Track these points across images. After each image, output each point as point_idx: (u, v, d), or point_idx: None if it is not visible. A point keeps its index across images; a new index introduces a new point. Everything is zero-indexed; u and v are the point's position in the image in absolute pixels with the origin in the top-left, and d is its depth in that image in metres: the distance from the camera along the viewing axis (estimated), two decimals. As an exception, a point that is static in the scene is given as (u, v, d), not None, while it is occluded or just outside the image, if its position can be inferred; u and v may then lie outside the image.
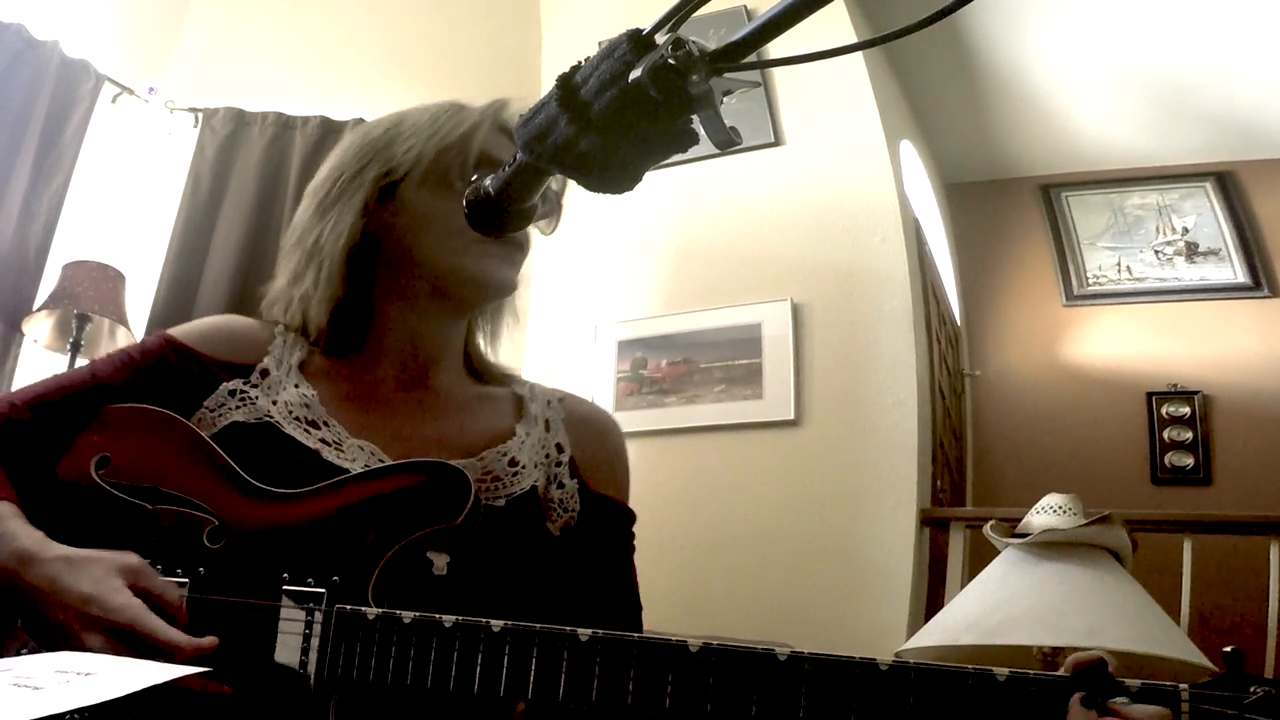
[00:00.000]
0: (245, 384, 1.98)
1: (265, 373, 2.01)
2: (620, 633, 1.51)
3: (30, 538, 1.64)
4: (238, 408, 1.94)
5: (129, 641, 1.52)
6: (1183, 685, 1.29)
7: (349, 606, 1.62)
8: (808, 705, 1.38)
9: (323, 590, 1.64)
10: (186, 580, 1.68)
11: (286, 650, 1.60)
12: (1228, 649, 1.32)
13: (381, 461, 1.92)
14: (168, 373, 1.99)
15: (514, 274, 2.07)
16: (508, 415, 2.15)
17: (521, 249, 2.07)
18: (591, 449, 2.17)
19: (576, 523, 2.06)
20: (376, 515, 1.72)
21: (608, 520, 2.12)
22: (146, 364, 2.01)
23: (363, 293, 2.09)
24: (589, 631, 1.51)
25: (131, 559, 1.63)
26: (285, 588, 1.65)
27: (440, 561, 1.81)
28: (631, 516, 2.18)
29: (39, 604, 1.58)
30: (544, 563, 2.00)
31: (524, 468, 2.01)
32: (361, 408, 2.03)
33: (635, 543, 2.17)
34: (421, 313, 2.08)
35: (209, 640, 1.55)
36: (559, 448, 2.12)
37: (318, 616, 1.62)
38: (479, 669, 1.53)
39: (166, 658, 1.48)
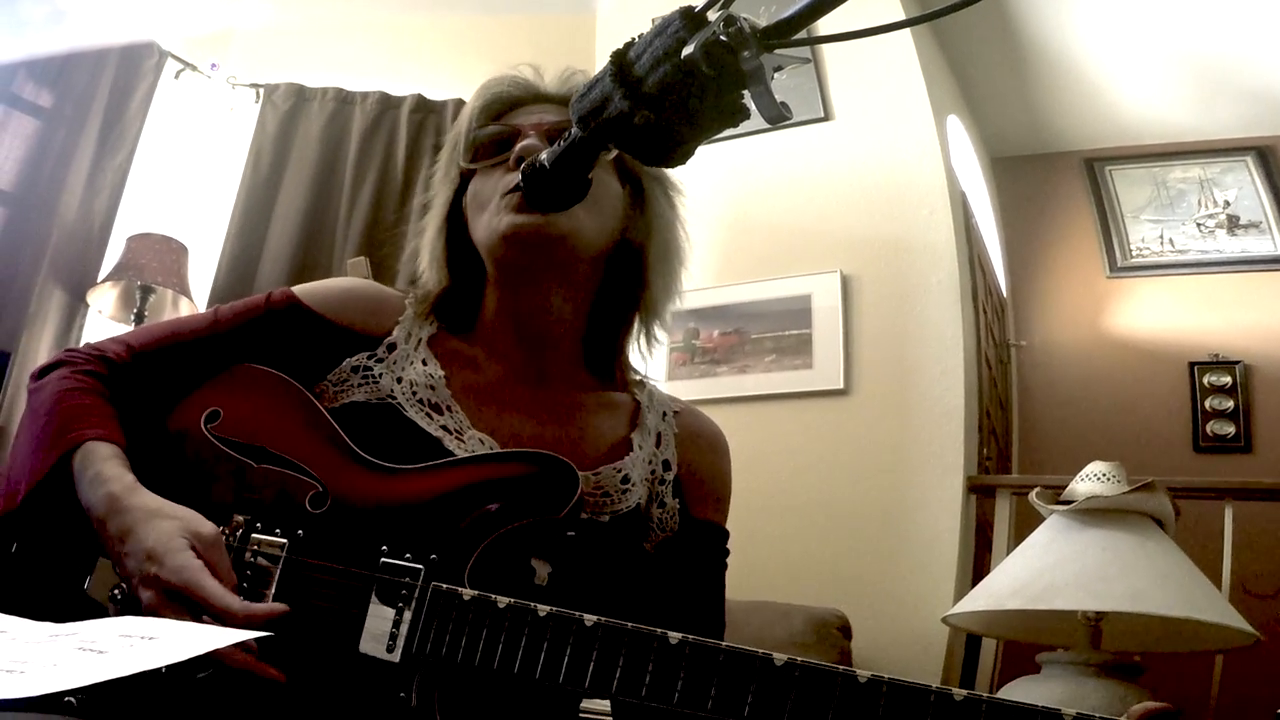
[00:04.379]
0: (370, 358, 1.96)
1: (392, 346, 1.99)
2: (709, 640, 1.47)
3: (121, 482, 1.66)
4: (360, 385, 1.93)
5: (181, 601, 1.53)
6: None
7: (445, 585, 1.60)
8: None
9: (420, 566, 1.63)
10: (285, 540, 1.68)
11: (377, 622, 1.60)
12: (1281, 712, 1.36)
13: None
14: (288, 332, 1.99)
15: (536, 218, 1.87)
16: (623, 425, 2.09)
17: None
18: (699, 469, 2.13)
19: (672, 538, 2.04)
20: (481, 499, 1.69)
21: (705, 542, 2.09)
22: (267, 319, 2.01)
23: (481, 279, 2.07)
24: (679, 635, 1.48)
25: (206, 526, 1.62)
26: (383, 560, 1.64)
27: (543, 571, 1.80)
28: (726, 536, 2.14)
29: (116, 552, 1.61)
30: (639, 579, 1.99)
31: (634, 485, 1.97)
32: (484, 400, 1.98)
33: (728, 560, 2.14)
34: (507, 292, 2.02)
35: (265, 607, 1.56)
36: (665, 465, 2.07)
37: (413, 592, 1.61)
38: (567, 661, 1.51)
39: (219, 621, 1.50)
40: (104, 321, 6.02)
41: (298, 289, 2.06)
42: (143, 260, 5.79)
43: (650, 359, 2.23)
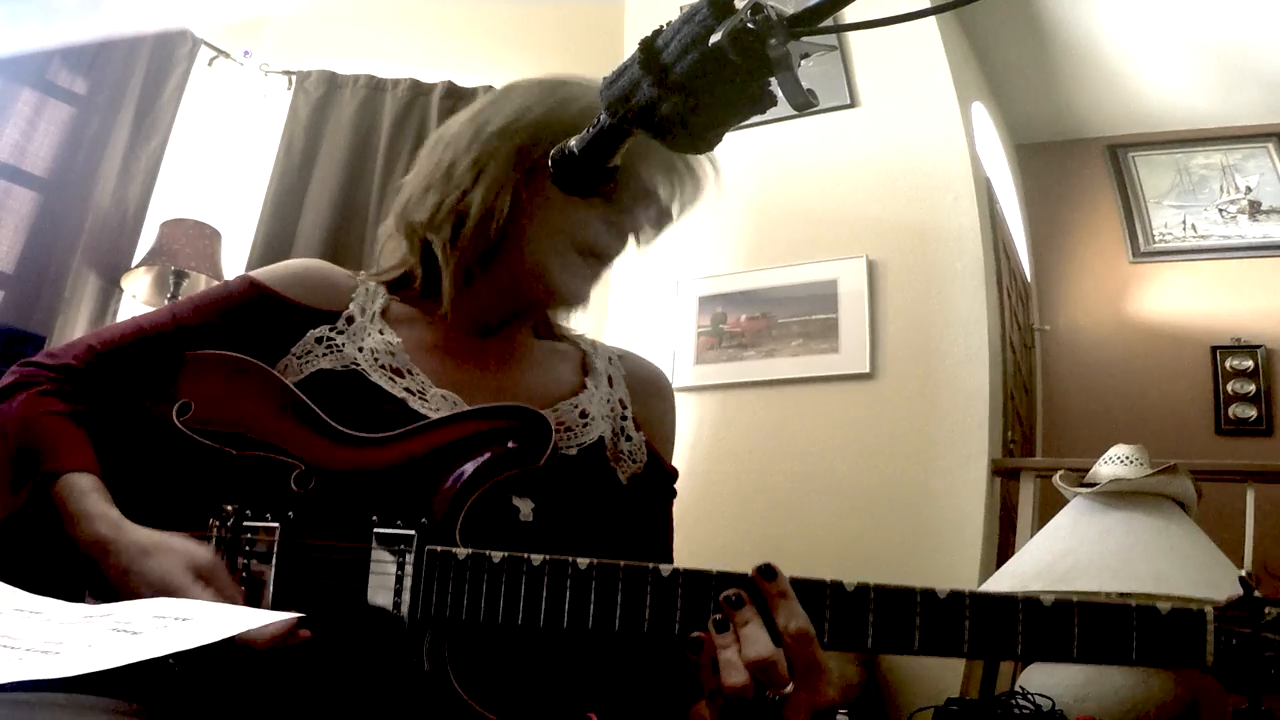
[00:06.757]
0: (331, 330, 1.99)
1: (350, 319, 2.02)
2: (699, 569, 1.56)
3: (105, 520, 1.64)
4: (324, 355, 1.95)
5: None
6: (1207, 607, 1.42)
7: (439, 547, 1.63)
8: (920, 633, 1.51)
9: (412, 532, 1.65)
10: (277, 524, 1.69)
11: (379, 592, 1.62)
12: (1241, 573, 1.45)
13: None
14: (251, 316, 2.01)
15: (590, 289, 2.08)
16: (574, 369, 2.19)
17: (607, 266, 2.08)
18: (648, 407, 2.22)
19: (642, 473, 2.11)
20: (462, 458, 1.74)
21: (657, 478, 2.16)
22: (229, 307, 2.02)
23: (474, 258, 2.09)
24: (670, 567, 1.56)
25: (204, 554, 1.62)
26: (376, 530, 1.66)
27: (526, 508, 1.85)
28: (675, 475, 2.22)
29: (119, 589, 1.58)
30: (616, 509, 2.04)
31: (593, 419, 2.04)
32: (442, 357, 2.04)
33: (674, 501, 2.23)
34: (501, 288, 2.07)
35: (282, 627, 1.52)
36: (622, 403, 2.16)
37: (409, 558, 1.63)
38: (567, 605, 1.57)
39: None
40: (138, 306, 6.05)
41: (255, 273, 2.10)
42: (176, 245, 5.82)
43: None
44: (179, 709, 1.55)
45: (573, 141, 1.61)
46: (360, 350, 1.96)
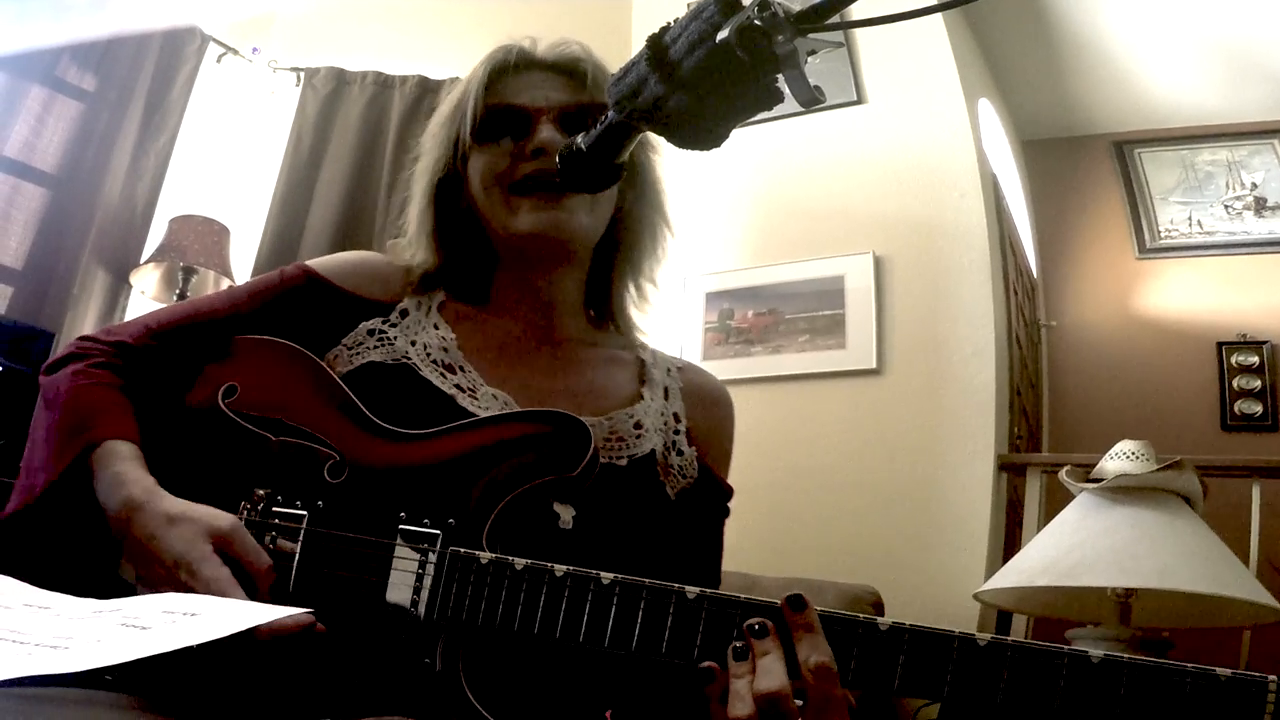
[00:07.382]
0: (384, 323, 2.00)
1: (405, 313, 2.03)
2: (726, 593, 1.48)
3: (140, 485, 1.65)
4: (375, 347, 1.95)
5: None
6: (1271, 677, 1.34)
7: (463, 550, 1.61)
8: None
9: (437, 532, 1.64)
10: (305, 512, 1.70)
11: (398, 589, 1.60)
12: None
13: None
14: (304, 304, 2.02)
15: (557, 216, 1.99)
16: (632, 378, 2.14)
17: (553, 195, 1.98)
18: (705, 422, 2.18)
19: (692, 488, 2.06)
20: (496, 461, 1.70)
21: (710, 494, 2.13)
22: (283, 293, 2.04)
23: (486, 252, 2.13)
24: (696, 590, 1.49)
25: (224, 521, 1.60)
26: (401, 527, 1.65)
27: (566, 515, 1.81)
28: (730, 493, 2.18)
29: (142, 555, 1.60)
30: (662, 523, 2.00)
31: (646, 431, 2.00)
32: (496, 358, 2.02)
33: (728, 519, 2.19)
34: (521, 266, 2.09)
35: (292, 620, 1.45)
36: (676, 416, 2.12)
37: (431, 557, 1.62)
38: (586, 619, 1.52)
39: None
40: (147, 302, 6.05)
41: (310, 262, 2.11)
42: (185, 242, 5.84)
43: (643, 312, 2.29)
44: (188, 702, 1.52)
45: (580, 138, 1.62)
46: (413, 344, 1.97)
